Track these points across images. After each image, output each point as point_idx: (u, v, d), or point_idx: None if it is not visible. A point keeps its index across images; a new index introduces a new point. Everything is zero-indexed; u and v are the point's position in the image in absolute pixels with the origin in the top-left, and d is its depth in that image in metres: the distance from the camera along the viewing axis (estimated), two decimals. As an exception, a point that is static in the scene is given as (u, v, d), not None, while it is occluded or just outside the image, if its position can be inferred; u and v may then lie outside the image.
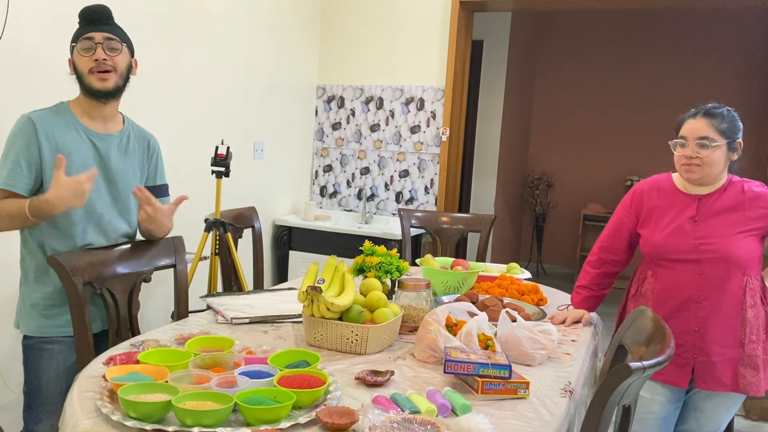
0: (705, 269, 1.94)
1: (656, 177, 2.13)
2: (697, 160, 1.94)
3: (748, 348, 1.92)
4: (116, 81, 1.88)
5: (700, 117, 1.96)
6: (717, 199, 1.98)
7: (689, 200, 2.01)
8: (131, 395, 1.24)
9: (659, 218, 2.04)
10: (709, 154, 1.93)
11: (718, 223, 1.96)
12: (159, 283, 2.87)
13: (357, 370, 1.55)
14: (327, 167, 4.43)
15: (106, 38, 1.86)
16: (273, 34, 3.89)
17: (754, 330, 1.93)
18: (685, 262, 1.96)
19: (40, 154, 1.82)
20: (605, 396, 1.17)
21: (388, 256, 2.08)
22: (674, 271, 1.99)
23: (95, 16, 1.88)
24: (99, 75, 1.85)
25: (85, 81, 1.86)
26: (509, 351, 1.68)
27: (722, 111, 1.98)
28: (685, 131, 1.97)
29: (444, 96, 4.03)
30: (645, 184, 2.13)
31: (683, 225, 1.98)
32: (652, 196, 2.09)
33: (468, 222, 3.33)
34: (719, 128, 1.94)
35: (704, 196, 2.00)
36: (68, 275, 1.77)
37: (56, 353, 1.88)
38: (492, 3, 3.95)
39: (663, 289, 2.01)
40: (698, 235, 1.96)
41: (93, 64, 1.84)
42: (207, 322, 1.94)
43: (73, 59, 1.88)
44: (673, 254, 1.98)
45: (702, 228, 1.96)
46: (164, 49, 3.08)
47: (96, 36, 1.85)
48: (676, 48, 6.13)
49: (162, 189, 2.13)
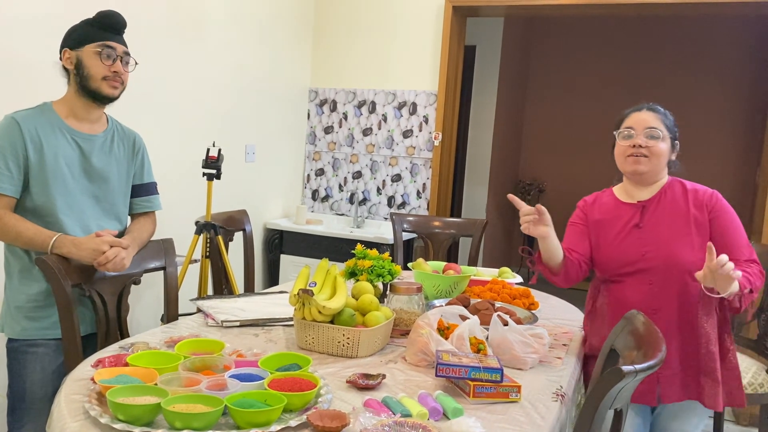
0: (654, 278, 1.87)
1: (597, 193, 2.08)
2: (645, 150, 1.89)
3: (706, 358, 1.85)
4: (121, 92, 1.94)
5: (646, 110, 1.94)
6: (659, 203, 1.93)
7: (633, 209, 1.96)
8: (120, 398, 1.23)
9: (605, 233, 1.98)
10: (657, 144, 1.89)
11: (662, 228, 1.90)
12: (149, 286, 2.86)
13: (348, 374, 1.54)
14: (319, 171, 4.42)
15: (124, 52, 1.92)
16: (266, 38, 3.89)
17: (712, 339, 1.86)
18: (633, 274, 1.90)
19: (26, 155, 1.81)
20: (597, 400, 1.17)
21: (380, 259, 2.08)
22: (624, 284, 1.92)
23: (116, 26, 1.91)
24: (111, 83, 1.88)
25: (93, 84, 1.87)
26: (501, 355, 1.68)
27: (663, 110, 1.97)
28: (631, 122, 1.93)
29: (437, 101, 4.04)
30: (588, 198, 2.08)
31: (628, 236, 1.93)
32: (594, 209, 2.04)
33: (460, 227, 3.33)
34: (664, 122, 1.92)
35: (647, 201, 1.95)
36: (57, 277, 1.76)
37: (41, 356, 1.86)
38: (484, 8, 3.96)
39: (616, 303, 1.93)
40: (643, 243, 1.90)
41: (109, 73, 1.87)
42: (197, 325, 1.93)
43: (81, 57, 1.86)
44: (621, 267, 1.92)
45: (647, 236, 1.91)
46: (157, 52, 3.06)
47: (117, 48, 1.90)
48: (667, 55, 6.18)
49: (149, 187, 2.13)
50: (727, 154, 6.09)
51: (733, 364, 1.92)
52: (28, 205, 1.84)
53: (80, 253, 1.80)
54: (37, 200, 1.84)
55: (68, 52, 1.88)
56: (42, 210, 1.84)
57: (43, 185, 1.83)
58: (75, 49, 1.87)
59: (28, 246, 1.82)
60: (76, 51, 1.86)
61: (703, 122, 6.02)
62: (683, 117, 1.99)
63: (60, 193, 1.85)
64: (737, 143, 6.07)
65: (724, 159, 6.08)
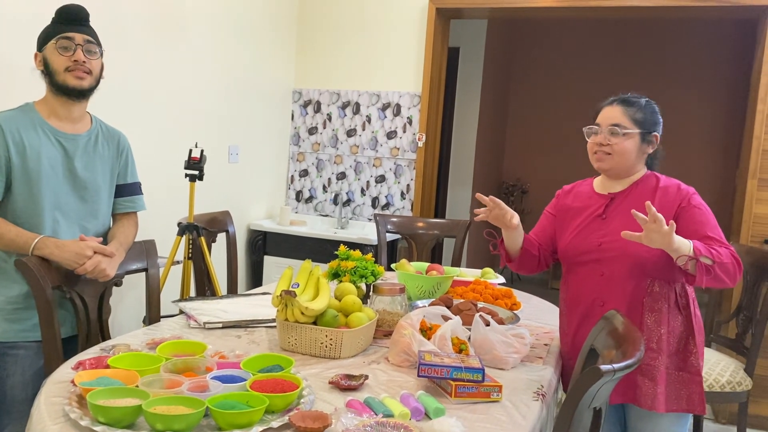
0: (605, 269, 1.85)
1: (579, 181, 2.09)
2: (607, 147, 1.87)
3: (645, 356, 1.77)
4: (90, 82, 1.89)
5: (616, 105, 1.90)
6: (627, 196, 1.90)
7: (602, 200, 1.95)
8: (100, 400, 1.22)
9: (570, 221, 1.99)
10: (620, 142, 1.86)
11: (623, 219, 1.84)
12: (130, 287, 2.83)
13: (331, 375, 1.55)
14: (303, 172, 4.42)
15: (86, 40, 1.88)
16: (249, 38, 3.88)
17: (654, 338, 1.81)
18: (588, 264, 1.89)
19: (9, 155, 1.80)
20: (576, 398, 1.18)
21: (363, 260, 2.08)
22: (579, 275, 1.93)
23: (74, 16, 1.88)
24: (75, 73, 1.85)
25: (59, 78, 1.84)
26: (483, 355, 1.69)
27: (640, 101, 1.91)
28: (599, 118, 1.92)
29: (420, 102, 4.05)
30: (568, 186, 2.11)
31: (590, 225, 1.92)
32: (568, 197, 2.05)
33: (443, 227, 3.35)
34: (633, 117, 1.87)
35: (617, 194, 1.93)
36: (37, 279, 1.74)
37: (21, 359, 1.85)
38: (468, 10, 3.98)
39: (572, 294, 1.95)
40: (603, 233, 1.88)
41: (70, 63, 1.84)
42: (179, 327, 1.92)
43: (46, 56, 1.86)
44: (578, 256, 1.92)
45: (608, 226, 1.88)
46: (138, 51, 3.05)
47: (76, 37, 1.86)
48: (648, 58, 6.26)
49: (134, 187, 2.12)
50: (707, 156, 6.18)
51: (695, 368, 1.83)
52: (10, 207, 1.83)
53: (63, 254, 1.79)
54: (20, 201, 1.83)
55: (38, 55, 1.89)
56: (25, 211, 1.83)
57: (26, 186, 1.82)
58: (41, 50, 1.88)
59: (9, 248, 1.80)
60: (42, 51, 1.87)
61: (682, 125, 6.10)
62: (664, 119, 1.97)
63: (43, 194, 1.84)
64: (716, 146, 6.15)
65: (703, 162, 6.17)
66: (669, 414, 1.83)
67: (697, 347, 1.84)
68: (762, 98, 3.36)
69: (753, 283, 2.72)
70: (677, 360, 1.84)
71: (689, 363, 1.84)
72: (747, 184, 3.41)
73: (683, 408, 1.83)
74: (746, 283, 2.76)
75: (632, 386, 1.82)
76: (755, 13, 3.51)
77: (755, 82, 3.45)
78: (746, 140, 3.53)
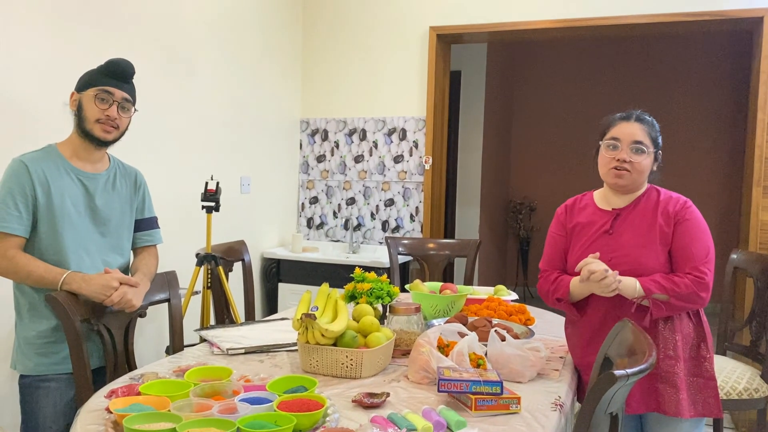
0: None
1: (577, 196, 2.09)
2: (629, 165, 1.87)
3: (663, 364, 1.84)
4: (115, 136, 1.99)
5: (634, 121, 1.90)
6: (632, 211, 1.93)
7: (607, 216, 1.97)
8: (136, 424, 1.27)
9: (579, 237, 1.99)
10: (642, 160, 1.88)
11: (631, 234, 1.89)
12: (149, 320, 2.90)
13: (353, 394, 1.59)
14: (313, 199, 4.49)
15: (123, 98, 1.97)
16: (255, 73, 3.98)
17: (670, 345, 1.86)
18: None
19: (35, 195, 1.87)
20: (593, 404, 1.22)
21: (379, 282, 2.13)
22: None
23: (121, 73, 1.97)
24: (104, 127, 1.94)
25: (88, 126, 1.94)
26: (500, 369, 1.73)
27: (650, 119, 1.93)
28: (618, 133, 1.90)
29: (425, 126, 4.13)
30: (567, 201, 2.10)
31: (597, 241, 1.94)
32: (573, 213, 2.05)
33: (454, 247, 3.39)
34: (651, 135, 1.89)
35: (621, 209, 1.95)
36: (66, 313, 1.80)
37: (53, 391, 1.90)
38: (467, 35, 4.08)
39: (583, 308, 1.96)
40: (611, 249, 1.90)
41: (103, 117, 1.93)
42: (203, 354, 1.97)
43: (82, 100, 1.94)
44: None
45: (615, 241, 1.91)
46: (150, 94, 3.14)
47: (116, 93, 1.95)
48: (648, 73, 6.34)
49: (151, 221, 2.19)
50: (713, 168, 6.21)
51: (709, 373, 1.88)
52: (36, 245, 1.90)
53: (90, 288, 1.85)
54: (45, 239, 1.90)
55: (75, 95, 1.97)
56: (50, 248, 1.90)
57: (50, 224, 1.89)
58: (80, 92, 1.95)
59: (39, 284, 1.87)
60: (80, 94, 1.95)
61: (687, 137, 6.15)
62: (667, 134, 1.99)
63: (67, 231, 1.91)
64: (722, 157, 6.19)
65: (710, 173, 6.20)
66: (689, 419, 1.86)
67: (709, 352, 1.89)
68: (761, 107, 3.42)
69: (764, 289, 2.74)
70: (692, 366, 1.88)
71: (704, 368, 1.88)
72: (752, 192, 3.45)
73: (702, 413, 1.86)
74: (757, 290, 2.78)
75: (654, 394, 1.86)
76: (749, 25, 3.59)
77: (754, 91, 3.52)
78: (749, 149, 3.58)
